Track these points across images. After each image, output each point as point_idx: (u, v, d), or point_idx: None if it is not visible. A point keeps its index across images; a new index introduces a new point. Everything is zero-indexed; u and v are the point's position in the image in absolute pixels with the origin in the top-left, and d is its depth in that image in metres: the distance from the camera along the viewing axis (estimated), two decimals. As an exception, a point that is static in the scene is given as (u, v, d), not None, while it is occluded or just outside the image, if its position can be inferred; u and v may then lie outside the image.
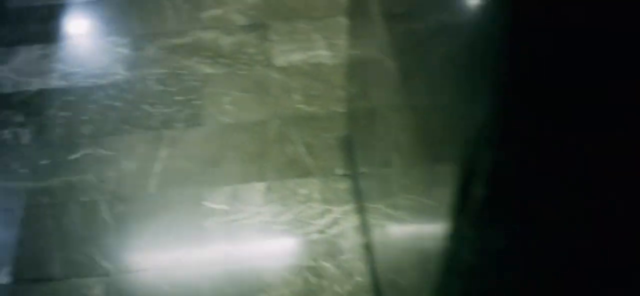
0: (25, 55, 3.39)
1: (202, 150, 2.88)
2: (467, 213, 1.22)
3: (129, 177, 2.79)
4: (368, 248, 2.50)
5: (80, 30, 3.59)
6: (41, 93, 3.17)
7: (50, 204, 2.70)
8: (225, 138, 2.92)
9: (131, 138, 2.93)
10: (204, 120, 2.99)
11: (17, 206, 2.69)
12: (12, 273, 2.49)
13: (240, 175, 2.77)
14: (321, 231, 2.59)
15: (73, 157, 2.87)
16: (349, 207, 2.66)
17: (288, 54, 3.30)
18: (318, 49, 3.33)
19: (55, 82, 3.22)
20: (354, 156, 2.71)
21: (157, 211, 2.67)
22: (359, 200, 2.64)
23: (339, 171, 2.78)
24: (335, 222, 2.61)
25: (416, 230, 1.75)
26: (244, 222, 2.63)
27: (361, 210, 2.61)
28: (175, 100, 3.09)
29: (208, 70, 3.24)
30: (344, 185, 2.73)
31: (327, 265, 2.50)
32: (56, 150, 2.90)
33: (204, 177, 2.77)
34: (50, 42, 3.48)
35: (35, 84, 3.22)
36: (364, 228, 2.56)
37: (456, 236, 1.30)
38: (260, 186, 2.73)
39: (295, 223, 2.61)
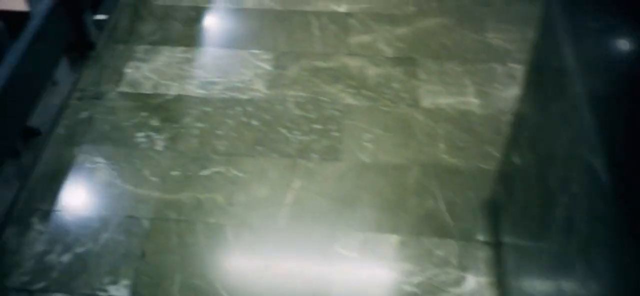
0: (168, 56, 3.34)
1: (336, 187, 2.72)
2: None
3: (259, 204, 2.66)
4: (507, 332, 2.27)
5: (224, 38, 3.50)
6: (179, 99, 3.10)
7: (177, 220, 2.60)
8: (361, 179, 2.74)
9: (265, 162, 2.81)
10: (341, 155, 2.83)
11: (144, 216, 2.61)
12: (130, 287, 2.40)
13: (374, 223, 2.59)
14: (455, 301, 2.38)
15: (204, 173, 2.77)
16: (488, 279, 2.42)
17: (435, 96, 3.10)
18: (468, 95, 3.11)
19: (194, 90, 3.15)
20: (499, 223, 2.49)
21: (285, 246, 2.52)
22: (500, 273, 2.41)
23: (480, 237, 2.55)
24: (471, 294, 2.39)
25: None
26: (373, 276, 2.44)
27: (501, 286, 2.38)
28: (314, 128, 2.95)
29: (350, 100, 3.08)
30: (484, 253, 2.50)
31: (458, 341, 2.29)
32: (188, 163, 2.81)
33: (336, 218, 2.60)
34: (193, 45, 3.42)
35: (174, 89, 3.16)
36: (504, 307, 2.33)
37: None
38: (394, 239, 2.54)
39: (427, 287, 2.40)
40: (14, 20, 3.59)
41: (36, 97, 2.87)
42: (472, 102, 3.07)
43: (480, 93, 3.11)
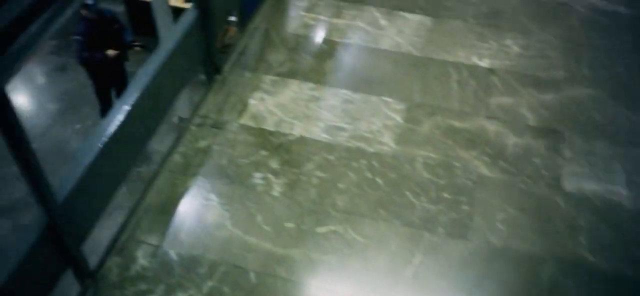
0: (295, 92, 3.16)
1: (461, 270, 2.45)
2: None
3: (376, 274, 2.43)
4: None
5: (355, 79, 3.28)
6: (302, 141, 2.91)
7: (285, 279, 2.41)
8: (489, 265, 2.47)
9: (386, 228, 2.58)
10: (469, 233, 2.57)
11: (251, 267, 2.43)
12: (229, 347, 2.24)
13: (500, 320, 2.32)
14: None
15: (320, 230, 2.57)
16: None
17: (580, 179, 2.79)
18: (617, 184, 2.77)
19: (319, 133, 2.95)
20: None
21: (398, 330, 2.30)
22: None
23: (620, 358, 2.24)
24: None
25: None
26: None
27: None
28: (443, 197, 2.69)
29: (485, 170, 2.81)
30: None
31: None
32: (305, 215, 2.61)
33: (457, 305, 2.36)
34: (323, 83, 3.22)
35: (298, 129, 2.97)
36: None
37: None
38: (520, 343, 2.27)
39: None
40: (135, 6, 3.59)
41: (161, 118, 2.76)
42: (621, 193, 2.74)
43: (632, 184, 2.77)
